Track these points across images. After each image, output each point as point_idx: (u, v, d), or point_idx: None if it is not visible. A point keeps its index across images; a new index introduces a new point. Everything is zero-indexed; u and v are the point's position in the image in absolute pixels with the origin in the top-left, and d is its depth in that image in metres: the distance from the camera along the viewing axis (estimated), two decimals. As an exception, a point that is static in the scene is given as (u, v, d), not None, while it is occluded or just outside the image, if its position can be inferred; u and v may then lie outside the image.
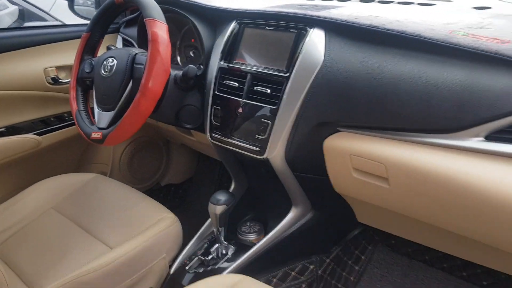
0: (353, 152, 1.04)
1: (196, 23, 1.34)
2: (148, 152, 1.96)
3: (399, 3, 1.26)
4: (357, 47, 1.02)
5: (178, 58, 1.51)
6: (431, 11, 1.16)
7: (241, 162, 1.38)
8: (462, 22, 1.00)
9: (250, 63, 1.19)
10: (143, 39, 1.48)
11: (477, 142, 0.87)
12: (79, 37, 1.36)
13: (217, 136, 1.25)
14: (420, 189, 0.96)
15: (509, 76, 0.84)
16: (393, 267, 1.48)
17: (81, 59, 1.32)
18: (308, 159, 1.13)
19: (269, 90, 1.12)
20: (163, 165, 2.02)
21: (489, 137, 0.86)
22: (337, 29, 1.06)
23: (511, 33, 0.92)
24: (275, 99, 1.11)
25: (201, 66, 1.31)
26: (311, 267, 1.34)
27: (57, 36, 1.60)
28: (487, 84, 0.85)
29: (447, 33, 0.93)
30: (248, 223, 1.38)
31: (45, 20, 1.67)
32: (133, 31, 1.68)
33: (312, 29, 1.08)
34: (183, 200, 2.03)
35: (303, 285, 1.31)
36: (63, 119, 1.63)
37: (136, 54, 1.21)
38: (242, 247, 1.28)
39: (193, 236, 1.37)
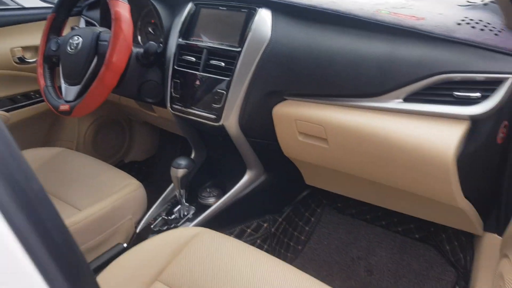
0: (297, 117, 1.19)
1: (155, 4, 1.45)
2: (112, 130, 2.05)
3: None
4: (299, 25, 1.17)
5: (139, 38, 1.61)
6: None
7: (200, 132, 1.51)
8: (388, 3, 1.16)
9: (206, 39, 1.31)
10: (106, 20, 1.57)
11: (397, 104, 1.04)
12: (43, 19, 1.44)
13: (177, 107, 1.37)
14: (353, 146, 1.12)
15: (422, 48, 1.00)
16: (338, 226, 1.65)
17: (47, 39, 1.40)
18: (259, 125, 1.27)
19: (223, 64, 1.25)
20: (126, 143, 2.11)
21: (407, 99, 1.03)
22: (282, 9, 1.20)
23: (426, 12, 1.09)
24: (229, 71, 1.24)
25: (161, 45, 1.42)
26: (265, 225, 1.49)
27: (21, 18, 1.66)
28: (405, 54, 1.01)
29: (374, 12, 1.09)
30: (208, 189, 1.51)
31: (6, 4, 1.73)
32: (95, 13, 1.77)
33: (260, 9, 1.22)
34: (147, 176, 2.13)
35: (258, 241, 1.46)
36: (29, 97, 1.70)
37: (100, 32, 1.31)
38: (202, 208, 1.41)
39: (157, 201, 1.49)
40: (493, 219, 1.19)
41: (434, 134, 0.98)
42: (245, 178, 1.41)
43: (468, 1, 1.17)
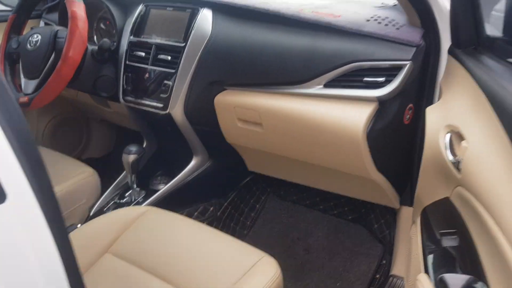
0: (236, 105, 1.33)
1: (110, 6, 1.57)
2: (70, 128, 2.13)
3: None
4: (236, 22, 1.32)
5: (95, 38, 1.73)
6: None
7: (151, 123, 1.63)
8: (313, 4, 1.33)
9: (154, 36, 1.45)
10: (64, 20, 1.69)
11: (319, 89, 1.20)
12: (4, 21, 1.55)
13: (129, 98, 1.49)
14: (283, 128, 1.27)
15: (337, 41, 1.17)
16: (281, 212, 1.79)
17: (8, 38, 1.51)
18: (203, 113, 1.41)
19: (170, 58, 1.39)
20: (84, 140, 2.19)
21: (326, 85, 1.19)
22: (221, 9, 1.36)
23: (343, 11, 1.26)
24: (174, 64, 1.37)
25: (115, 43, 1.55)
26: (211, 208, 1.62)
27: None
28: (323, 47, 1.18)
29: (298, 10, 1.25)
30: (159, 177, 1.63)
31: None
32: (54, 16, 1.87)
33: (202, 9, 1.37)
34: (103, 173, 2.21)
35: (204, 223, 1.58)
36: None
37: (58, 30, 1.42)
38: (152, 193, 1.53)
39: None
40: (408, 193, 1.36)
41: (347, 114, 1.14)
42: (192, 163, 1.54)
43: (382, 3, 1.36)
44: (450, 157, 0.82)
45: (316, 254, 1.61)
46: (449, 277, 0.66)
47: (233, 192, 1.72)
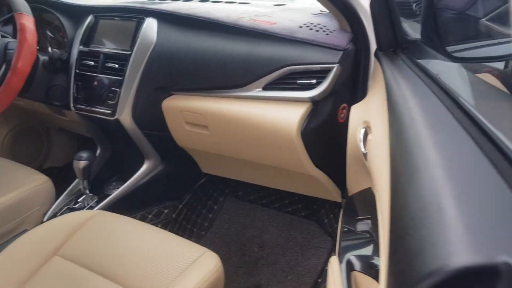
0: (183, 109, 1.39)
1: (61, 18, 1.62)
2: (29, 138, 2.15)
3: (226, 2, 1.64)
4: (179, 30, 1.38)
5: (49, 48, 1.77)
6: (245, 7, 1.55)
7: (103, 130, 1.67)
8: (254, 12, 1.40)
9: (103, 45, 1.50)
10: (16, 32, 1.72)
11: (258, 92, 1.26)
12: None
13: (79, 106, 1.53)
14: (227, 129, 1.33)
15: (272, 46, 1.24)
16: (238, 212, 1.85)
17: None
18: (152, 118, 1.46)
19: (117, 65, 1.44)
20: (44, 149, 2.21)
21: (265, 88, 1.26)
22: (165, 17, 1.41)
23: (280, 18, 1.33)
24: (121, 72, 1.42)
25: (67, 53, 1.59)
26: (166, 211, 1.66)
27: None
28: (261, 52, 1.25)
29: (237, 18, 1.32)
30: (114, 183, 1.67)
31: None
32: (10, 28, 1.90)
33: (148, 18, 1.42)
34: (65, 181, 2.24)
35: (159, 225, 1.63)
36: None
37: (8, 42, 1.46)
38: (106, 197, 1.56)
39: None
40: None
41: (283, 114, 1.21)
42: (143, 167, 1.58)
43: (321, 10, 1.44)
44: (363, 150, 0.90)
45: (270, 250, 1.68)
46: (354, 259, 0.73)
47: (189, 194, 1.77)
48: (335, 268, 0.76)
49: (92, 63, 1.49)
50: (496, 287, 0.32)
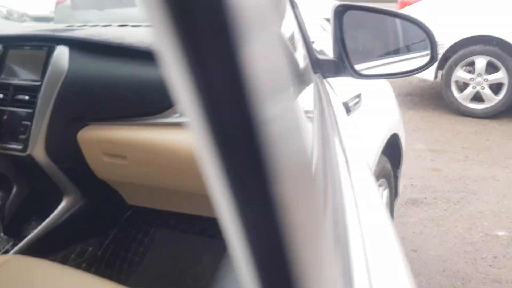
0: (99, 139, 1.32)
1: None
2: None
3: (132, 26, 1.58)
4: (92, 57, 1.33)
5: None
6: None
7: (18, 167, 1.56)
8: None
9: (13, 76, 1.41)
10: None
11: (176, 118, 1.22)
12: None
13: (-13, 144, 1.42)
14: (147, 159, 1.27)
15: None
16: (170, 242, 1.77)
17: None
18: (68, 151, 1.38)
19: (27, 97, 1.35)
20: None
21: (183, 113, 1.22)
22: (77, 45, 1.35)
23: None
24: (32, 104, 1.34)
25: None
26: (90, 248, 1.56)
27: None
28: (176, 76, 1.21)
29: (151, 44, 1.28)
30: (33, 223, 1.55)
31: None
32: None
33: (58, 46, 1.35)
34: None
35: (83, 265, 1.52)
36: None
37: None
38: (22, 239, 1.45)
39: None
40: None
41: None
42: (62, 204, 1.48)
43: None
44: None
45: (204, 282, 1.61)
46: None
47: (115, 229, 1.68)
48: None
49: (1, 95, 1.40)
50: None
